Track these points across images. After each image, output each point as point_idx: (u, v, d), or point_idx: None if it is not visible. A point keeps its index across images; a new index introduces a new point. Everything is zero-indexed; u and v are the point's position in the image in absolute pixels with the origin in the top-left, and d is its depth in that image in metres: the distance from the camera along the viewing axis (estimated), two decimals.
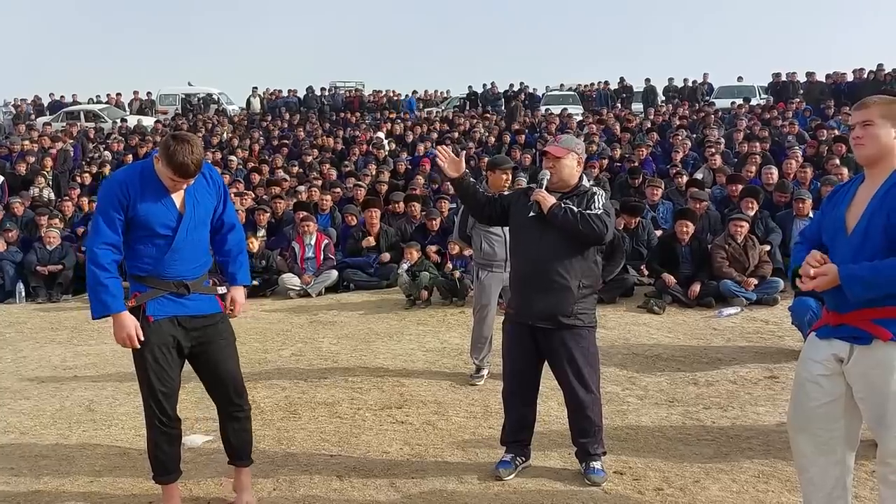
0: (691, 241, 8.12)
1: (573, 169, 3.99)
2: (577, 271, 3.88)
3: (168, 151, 3.26)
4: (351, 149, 17.20)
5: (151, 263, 3.45)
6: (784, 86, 22.09)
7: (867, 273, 2.84)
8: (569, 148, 4.01)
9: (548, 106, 23.72)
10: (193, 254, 3.52)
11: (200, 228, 3.54)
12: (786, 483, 3.85)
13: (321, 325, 7.67)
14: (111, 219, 3.34)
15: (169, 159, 3.26)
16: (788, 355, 5.95)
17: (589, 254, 3.92)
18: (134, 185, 3.36)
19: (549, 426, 4.67)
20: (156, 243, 3.42)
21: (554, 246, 3.87)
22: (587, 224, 3.80)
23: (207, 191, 3.56)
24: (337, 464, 4.31)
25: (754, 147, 12.80)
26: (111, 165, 16.28)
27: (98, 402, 5.58)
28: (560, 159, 3.96)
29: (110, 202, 3.35)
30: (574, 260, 3.88)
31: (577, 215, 3.81)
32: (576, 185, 4.00)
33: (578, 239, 3.85)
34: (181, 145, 3.25)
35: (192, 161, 3.27)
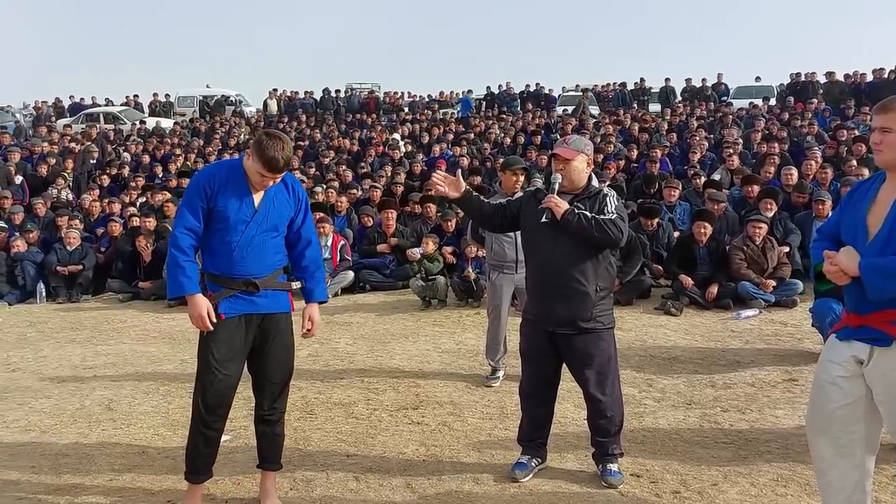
0: (709, 242, 8.07)
1: (583, 171, 3.97)
2: (593, 275, 3.86)
3: (260, 146, 3.42)
4: (367, 150, 17.24)
5: (224, 262, 3.58)
6: (803, 86, 21.90)
7: (888, 263, 2.81)
8: (578, 149, 3.98)
9: (564, 107, 23.65)
10: (263, 254, 3.61)
11: (273, 231, 3.63)
12: (805, 487, 3.82)
13: (337, 326, 7.69)
14: (194, 206, 3.52)
15: (260, 153, 3.42)
16: (807, 358, 5.89)
17: (604, 256, 3.90)
18: (220, 178, 3.54)
19: (565, 428, 4.66)
20: (229, 240, 3.54)
21: (569, 251, 3.85)
22: (602, 230, 3.78)
23: (287, 199, 3.67)
24: (353, 464, 4.32)
25: (773, 148, 12.70)
26: (129, 167, 16.42)
27: (117, 402, 5.63)
28: (570, 161, 3.94)
29: (196, 190, 3.53)
30: (590, 264, 3.86)
31: (592, 221, 3.78)
32: (586, 186, 3.98)
33: (594, 244, 3.83)
34: (273, 141, 3.42)
35: (282, 157, 3.43)
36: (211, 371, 3.55)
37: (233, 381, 3.62)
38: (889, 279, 2.81)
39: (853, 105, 18.57)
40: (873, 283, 2.83)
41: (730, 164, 11.90)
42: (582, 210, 3.83)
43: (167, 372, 6.34)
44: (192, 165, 16.50)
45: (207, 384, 3.56)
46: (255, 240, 3.56)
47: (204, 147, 19.49)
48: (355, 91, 28.60)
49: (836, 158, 12.30)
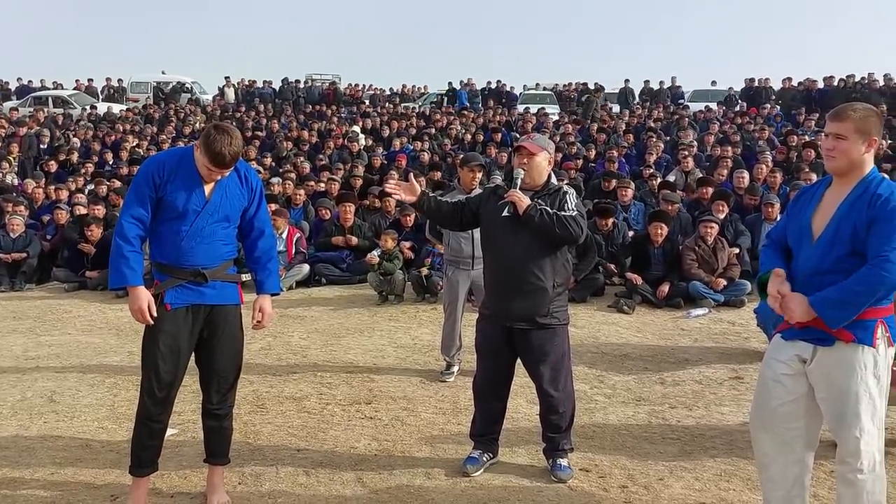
0: (664, 243, 8.19)
1: (545, 168, 4.01)
2: (551, 271, 3.90)
3: (207, 140, 3.34)
4: (326, 142, 17.10)
5: (172, 251, 3.50)
6: (757, 91, 22.36)
7: (834, 295, 2.89)
8: (542, 146, 4.03)
9: (525, 105, 23.78)
10: (213, 244, 3.54)
11: (224, 222, 3.57)
12: (747, 482, 3.91)
13: (291, 320, 7.62)
14: (143, 195, 3.43)
15: (207, 147, 3.34)
16: (753, 356, 6.03)
17: (561, 253, 3.95)
18: (171, 167, 3.45)
19: (517, 423, 4.69)
20: (177, 229, 3.47)
21: (529, 247, 3.88)
22: (563, 226, 3.82)
23: (240, 189, 3.60)
24: (304, 458, 4.29)
25: (726, 151, 12.96)
26: (78, 153, 16.04)
27: (61, 394, 5.50)
28: (534, 156, 3.98)
29: (145, 179, 3.43)
30: (548, 260, 3.90)
31: (553, 217, 3.82)
32: (545, 183, 4.01)
33: (554, 240, 3.87)
34: (220, 135, 3.33)
35: (229, 152, 3.35)
36: (156, 363, 3.48)
37: (179, 374, 3.56)
38: (840, 309, 2.90)
39: (804, 112, 19.03)
40: (828, 317, 2.92)
41: (685, 166, 12.11)
42: (543, 206, 3.86)
43: (113, 364, 6.21)
44: (143, 153, 16.18)
45: (153, 376, 3.49)
46: (205, 230, 3.50)
47: (157, 134, 19.14)
48: (315, 82, 28.34)
49: (786, 163, 12.61)
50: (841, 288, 2.89)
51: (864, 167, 2.98)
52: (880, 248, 2.84)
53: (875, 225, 2.86)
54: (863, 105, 3.08)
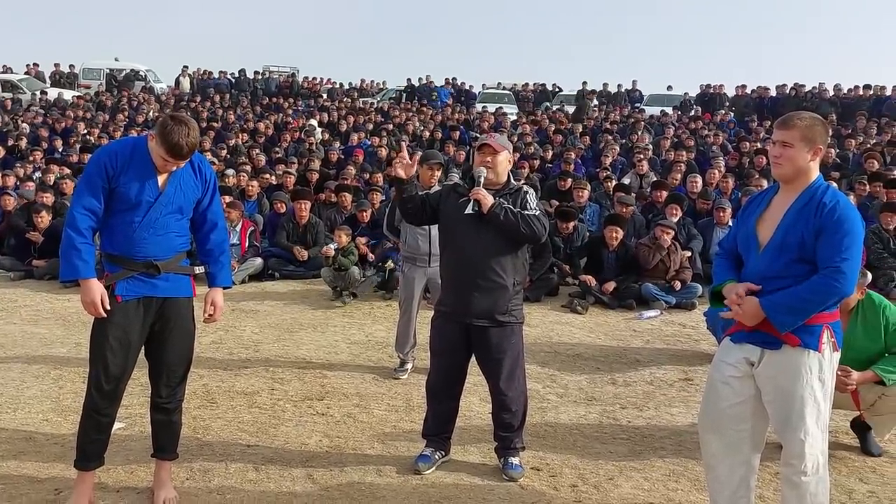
0: (618, 247, 8.28)
1: (506, 167, 4.05)
2: (511, 269, 3.93)
3: (164, 130, 3.26)
4: (282, 135, 16.92)
5: (124, 242, 3.43)
6: (711, 97, 22.79)
7: (785, 300, 2.97)
8: (504, 146, 4.07)
9: (483, 104, 23.87)
10: (166, 236, 3.48)
11: (177, 214, 3.50)
12: (695, 482, 3.98)
13: (243, 314, 7.53)
14: (95, 185, 3.35)
15: (164, 138, 3.26)
16: (703, 358, 6.14)
17: (521, 252, 4.00)
18: (124, 157, 3.37)
19: (469, 421, 4.70)
20: (130, 220, 3.40)
21: (490, 244, 3.90)
22: (528, 225, 3.85)
23: (194, 181, 3.52)
24: (254, 454, 4.24)
25: (680, 155, 13.18)
26: (28, 138, 15.60)
27: (4, 385, 5.34)
28: (497, 155, 4.00)
29: (97, 169, 3.35)
30: (510, 258, 3.93)
31: (518, 216, 3.85)
32: (507, 183, 4.04)
33: (518, 238, 3.90)
34: (178, 126, 3.26)
35: (187, 143, 3.28)
36: (105, 356, 3.41)
37: (128, 367, 3.49)
38: (790, 314, 2.97)
39: (757, 119, 19.45)
40: (778, 321, 2.99)
41: (639, 169, 12.28)
42: (507, 205, 3.88)
43: (59, 355, 6.05)
44: (95, 141, 15.81)
45: (101, 369, 3.42)
46: (158, 221, 3.43)
47: (109, 122, 18.72)
48: (273, 74, 28.02)
49: (738, 168, 12.87)
50: (792, 294, 2.96)
51: (810, 174, 3.06)
52: (831, 258, 2.91)
53: (823, 235, 2.94)
54: (809, 114, 3.17)
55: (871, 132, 16.98)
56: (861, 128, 17.45)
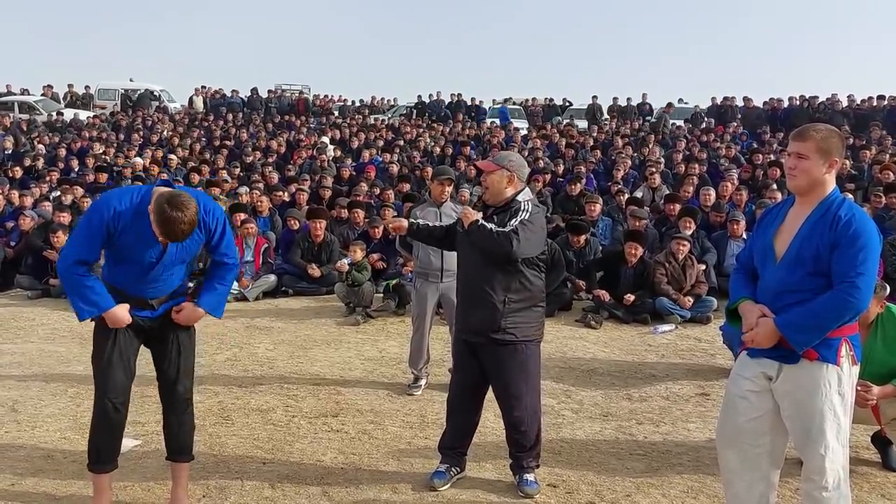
0: (637, 263, 8.23)
1: (502, 185, 4.01)
2: (501, 287, 3.90)
3: (161, 216, 3.26)
4: (294, 152, 17.02)
5: (124, 282, 3.51)
6: (723, 109, 22.75)
7: (800, 318, 2.95)
8: (499, 164, 4.03)
9: (493, 119, 23.93)
10: (166, 283, 3.57)
11: (179, 264, 3.58)
12: (713, 498, 3.94)
13: (258, 331, 7.55)
14: (94, 240, 3.39)
15: (160, 224, 3.28)
16: (719, 373, 6.10)
17: (514, 269, 3.91)
18: (125, 219, 3.38)
19: (484, 437, 4.68)
20: (132, 270, 3.48)
21: (478, 262, 3.94)
22: (492, 241, 3.83)
23: (198, 234, 3.52)
24: (269, 471, 4.24)
25: (692, 168, 13.14)
26: (44, 159, 15.77)
27: (22, 403, 5.38)
28: (488, 174, 4.03)
29: (98, 226, 3.38)
30: (498, 276, 3.90)
31: (488, 232, 3.85)
32: (507, 200, 4.01)
33: (488, 256, 3.88)
34: (174, 212, 3.24)
35: (182, 231, 3.29)
36: (107, 355, 3.50)
37: (130, 366, 3.57)
38: (806, 332, 2.96)
39: (769, 130, 19.38)
40: (795, 339, 2.97)
41: (651, 183, 12.25)
42: (486, 223, 3.90)
43: (77, 373, 6.08)
44: (110, 160, 15.97)
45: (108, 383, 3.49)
46: (161, 276, 3.53)
47: (124, 142, 18.91)
48: (285, 92, 28.22)
49: (751, 181, 12.81)
50: (807, 311, 2.94)
51: (826, 187, 3.05)
52: (846, 273, 2.89)
53: (837, 249, 2.92)
54: (825, 126, 3.16)
55: (885, 143, 16.88)
56: (876, 138, 17.35)
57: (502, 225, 3.87)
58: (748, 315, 3.13)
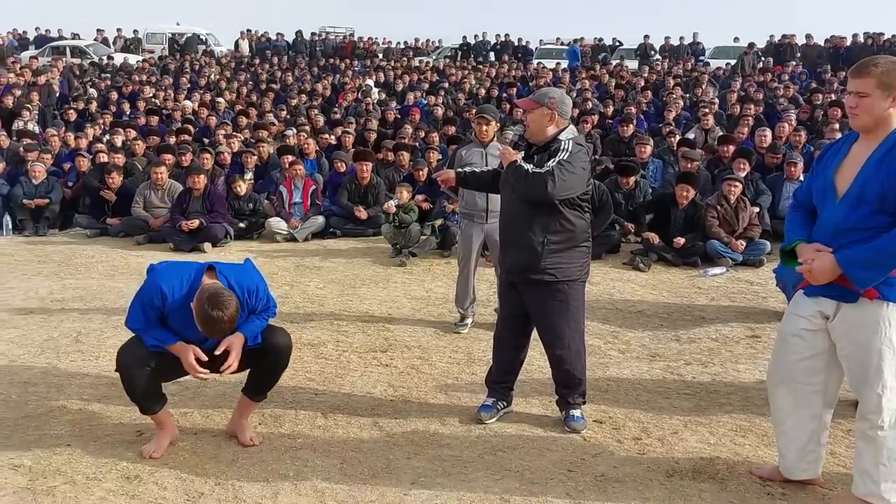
0: (688, 205, 8.09)
1: (543, 123, 3.94)
2: (541, 228, 3.86)
3: (202, 316, 3.34)
4: (339, 95, 17.00)
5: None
6: (781, 48, 21.95)
7: (864, 255, 2.85)
8: (539, 102, 3.94)
9: (540, 60, 23.50)
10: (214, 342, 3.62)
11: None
12: (762, 437, 3.93)
13: (307, 270, 7.67)
14: (147, 313, 3.55)
15: (201, 323, 3.37)
16: (771, 316, 6.03)
17: (554, 210, 3.84)
18: (172, 305, 3.50)
19: (531, 374, 4.73)
20: (186, 338, 3.59)
21: (517, 203, 3.91)
22: (528, 182, 3.78)
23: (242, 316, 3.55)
24: (322, 402, 4.36)
25: (748, 109, 12.78)
26: (97, 102, 16.04)
27: (86, 334, 5.59)
28: (528, 112, 3.97)
29: (150, 304, 3.53)
30: (538, 216, 3.86)
31: (524, 173, 3.80)
32: (549, 139, 3.94)
33: (527, 197, 3.84)
34: (214, 311, 3.32)
35: (222, 329, 3.38)
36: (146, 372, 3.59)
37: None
38: (869, 269, 2.87)
39: (830, 70, 18.68)
40: (857, 277, 2.89)
41: (704, 124, 11.96)
42: (524, 163, 3.85)
43: None
44: (160, 104, 16.17)
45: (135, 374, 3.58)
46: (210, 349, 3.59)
47: (173, 85, 19.10)
48: (329, 35, 28.07)
49: (809, 122, 12.44)
50: (872, 248, 2.85)
51: (891, 122, 2.93)
52: None
53: None
54: (885, 58, 3.00)
55: None
56: None
57: (541, 165, 3.81)
58: (805, 252, 3.07)
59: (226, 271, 3.59)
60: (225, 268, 3.61)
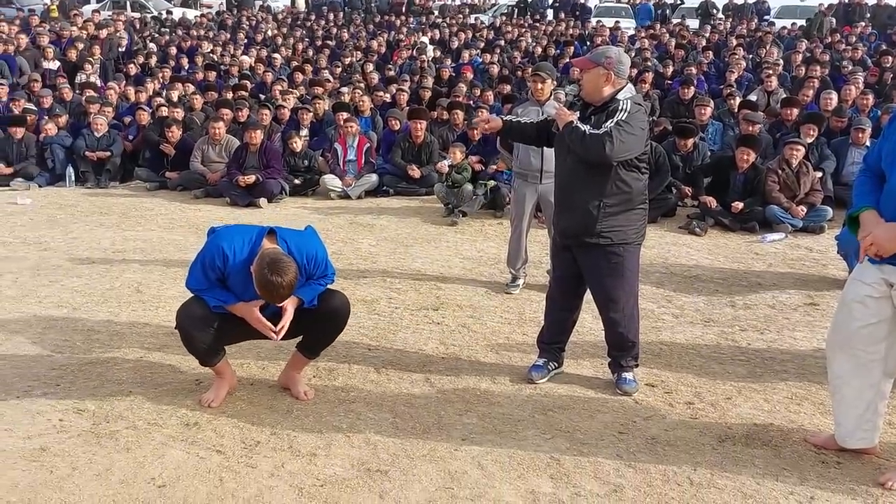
0: (748, 169, 7.88)
1: (599, 83, 3.82)
2: (597, 191, 3.79)
3: (262, 280, 3.35)
4: (394, 53, 16.91)
5: None
6: (850, 8, 21.05)
7: None
8: (595, 61, 3.83)
9: (599, 18, 22.97)
10: None
11: None
12: (819, 406, 3.87)
13: (360, 227, 7.74)
14: (207, 274, 3.59)
15: (261, 287, 3.38)
16: (831, 284, 5.88)
17: (612, 172, 3.77)
18: (233, 268, 3.54)
19: (583, 336, 4.72)
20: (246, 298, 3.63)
21: (574, 165, 3.84)
22: (584, 144, 3.70)
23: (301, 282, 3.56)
24: (374, 357, 4.43)
25: (813, 70, 12.32)
26: (156, 57, 16.26)
27: (146, 285, 5.76)
28: (584, 72, 3.87)
29: (211, 266, 3.56)
30: (594, 178, 3.79)
31: (582, 134, 3.71)
32: (606, 99, 3.84)
33: (583, 158, 3.77)
34: (274, 276, 3.32)
35: (281, 295, 3.38)
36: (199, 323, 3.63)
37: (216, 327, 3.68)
38: None
39: None
40: None
41: (767, 86, 11.58)
42: (580, 124, 3.77)
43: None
44: (218, 59, 16.32)
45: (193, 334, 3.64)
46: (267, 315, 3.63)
47: (230, 41, 19.24)
48: None
49: (878, 85, 11.95)
50: None
51: None
52: None
53: None
54: None
55: None
56: None
57: (598, 126, 3.72)
58: (868, 224, 2.98)
59: (287, 236, 3.61)
60: (286, 233, 3.64)
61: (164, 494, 3.05)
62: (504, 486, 3.15)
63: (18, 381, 4.04)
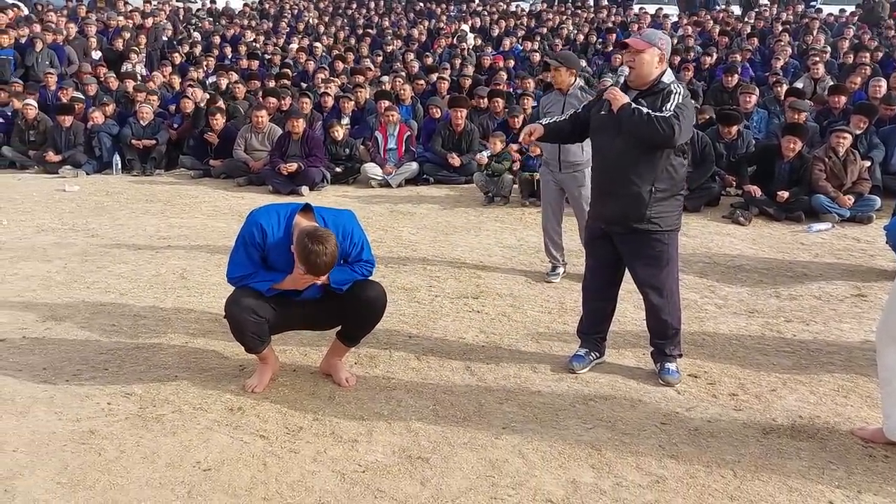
0: (794, 158, 7.73)
1: (653, 65, 3.76)
2: (648, 175, 3.74)
3: (304, 252, 3.36)
4: (435, 41, 16.88)
5: None
6: None
7: None
8: (650, 42, 3.77)
9: (641, 5, 22.62)
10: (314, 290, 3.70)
11: None
12: (866, 399, 3.80)
13: (401, 215, 7.77)
14: (251, 254, 3.61)
15: (303, 259, 3.39)
16: (879, 275, 5.75)
17: (663, 156, 3.73)
18: (272, 243, 3.57)
19: (624, 326, 4.69)
20: None
21: (624, 148, 3.75)
22: (650, 126, 3.61)
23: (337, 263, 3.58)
24: (415, 345, 4.46)
25: (862, 57, 12.00)
26: (200, 46, 16.46)
27: (191, 272, 5.86)
28: (640, 53, 3.76)
29: (251, 241, 3.59)
30: (645, 163, 3.74)
31: (644, 117, 3.63)
32: (654, 82, 3.79)
33: (645, 142, 3.69)
34: (315, 246, 3.33)
35: (323, 263, 3.37)
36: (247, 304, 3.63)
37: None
38: None
39: None
40: None
41: (814, 73, 11.33)
42: (637, 106, 3.69)
43: None
44: (260, 48, 16.46)
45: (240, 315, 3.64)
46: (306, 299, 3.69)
47: (273, 30, 19.38)
48: None
49: None
50: None
51: None
52: None
53: None
54: None
55: None
56: None
57: (655, 109, 3.67)
58: None
59: (322, 212, 3.66)
60: (321, 209, 3.68)
61: (209, 478, 3.11)
62: (545, 476, 3.15)
63: (67, 365, 4.15)
